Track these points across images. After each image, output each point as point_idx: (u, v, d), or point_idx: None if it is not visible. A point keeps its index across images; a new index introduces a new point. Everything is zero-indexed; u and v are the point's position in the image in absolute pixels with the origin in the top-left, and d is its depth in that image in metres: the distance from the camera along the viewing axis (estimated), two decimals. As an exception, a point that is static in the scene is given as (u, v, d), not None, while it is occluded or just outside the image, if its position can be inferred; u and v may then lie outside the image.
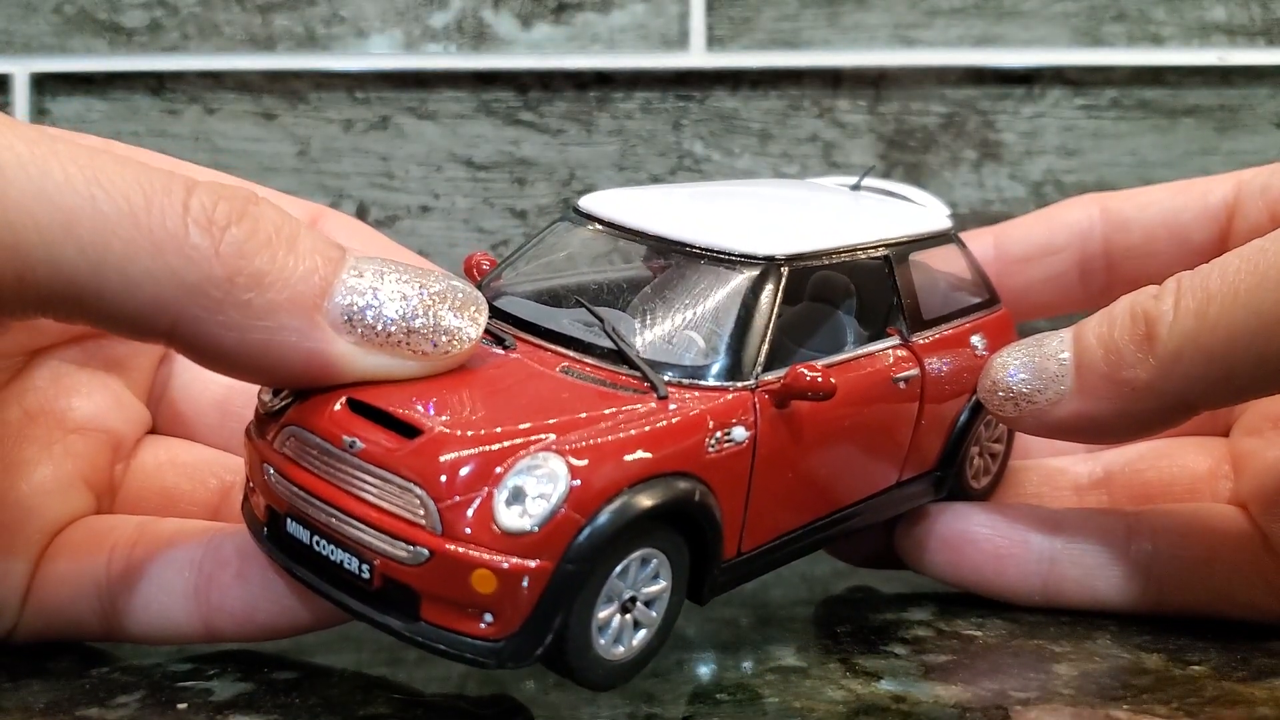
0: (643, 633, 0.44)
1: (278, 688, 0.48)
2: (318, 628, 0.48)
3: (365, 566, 0.42)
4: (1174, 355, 0.47)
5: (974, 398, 0.56)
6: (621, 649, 0.44)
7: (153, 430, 0.57)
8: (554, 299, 0.52)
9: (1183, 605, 0.54)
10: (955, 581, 0.57)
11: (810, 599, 0.61)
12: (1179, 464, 0.60)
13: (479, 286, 0.53)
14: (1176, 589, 0.54)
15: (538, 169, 0.89)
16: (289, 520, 0.44)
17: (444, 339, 0.44)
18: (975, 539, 0.56)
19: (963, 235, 0.62)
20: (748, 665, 0.51)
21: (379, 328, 0.43)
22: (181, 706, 0.46)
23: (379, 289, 0.43)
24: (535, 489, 0.40)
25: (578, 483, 0.40)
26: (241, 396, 0.56)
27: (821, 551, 0.62)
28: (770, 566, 0.50)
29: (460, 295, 0.45)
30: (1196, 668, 0.50)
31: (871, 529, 0.57)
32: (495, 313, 0.50)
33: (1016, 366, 0.53)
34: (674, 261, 0.51)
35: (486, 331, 0.48)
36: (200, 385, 0.57)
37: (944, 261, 0.60)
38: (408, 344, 0.43)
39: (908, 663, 0.51)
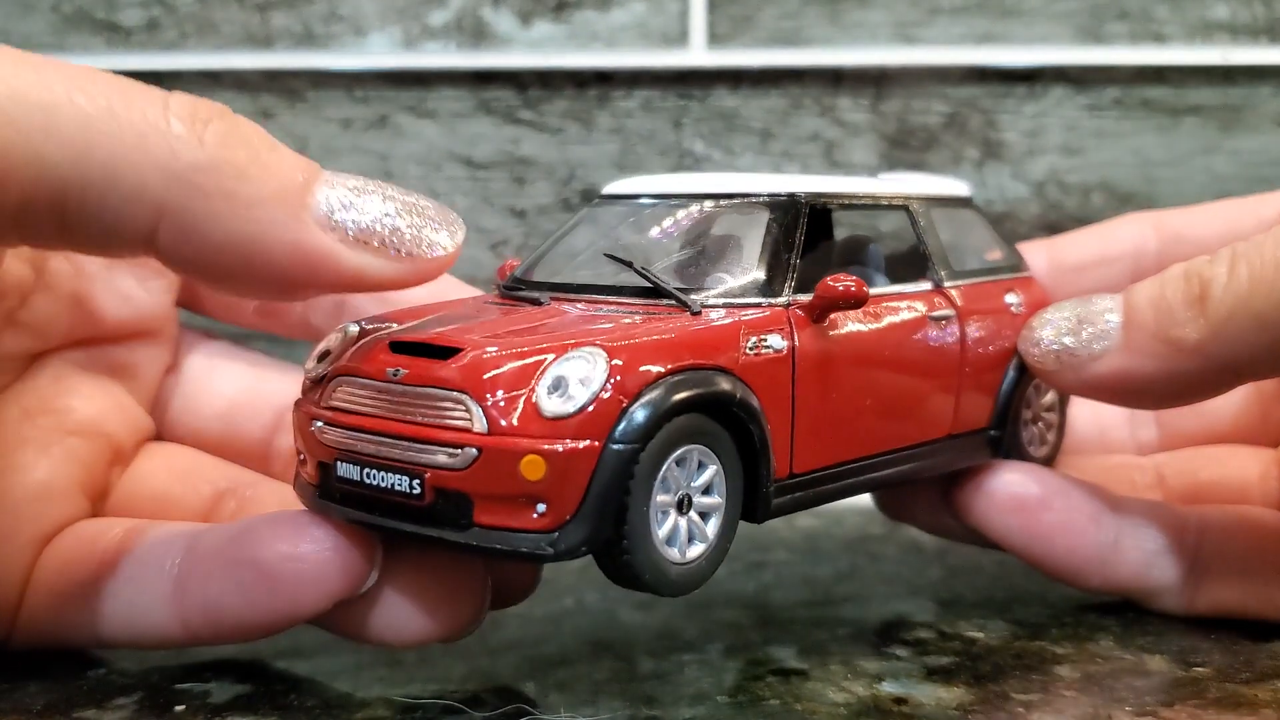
0: (699, 546, 0.45)
1: (276, 690, 0.48)
2: (290, 625, 0.46)
3: (416, 482, 0.42)
4: (1225, 317, 0.47)
5: (1019, 357, 0.57)
6: (677, 552, 0.44)
7: (156, 438, 0.57)
8: (584, 266, 0.53)
9: (1217, 603, 0.54)
10: (1019, 546, 0.55)
11: (811, 600, 0.61)
12: (1230, 468, 0.60)
13: (511, 279, 0.54)
14: (1215, 585, 0.54)
15: (537, 168, 0.89)
16: (338, 464, 0.45)
17: (425, 243, 0.44)
18: (1052, 507, 0.55)
19: (1016, 247, 0.63)
20: (749, 667, 0.50)
21: (363, 225, 0.43)
22: (179, 709, 0.46)
23: (359, 192, 0.44)
24: (576, 375, 0.41)
25: (618, 365, 0.41)
26: (245, 410, 0.56)
27: (822, 551, 0.62)
28: (825, 497, 0.50)
29: (436, 208, 0.45)
30: (1200, 669, 0.50)
31: (926, 489, 0.57)
32: (528, 285, 0.52)
33: (1060, 319, 0.53)
34: (700, 215, 0.52)
35: (520, 298, 0.50)
36: (205, 396, 0.57)
37: (968, 224, 0.61)
38: (390, 243, 0.44)
39: (910, 664, 0.51)
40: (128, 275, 0.54)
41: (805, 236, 0.50)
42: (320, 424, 0.46)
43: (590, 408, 0.41)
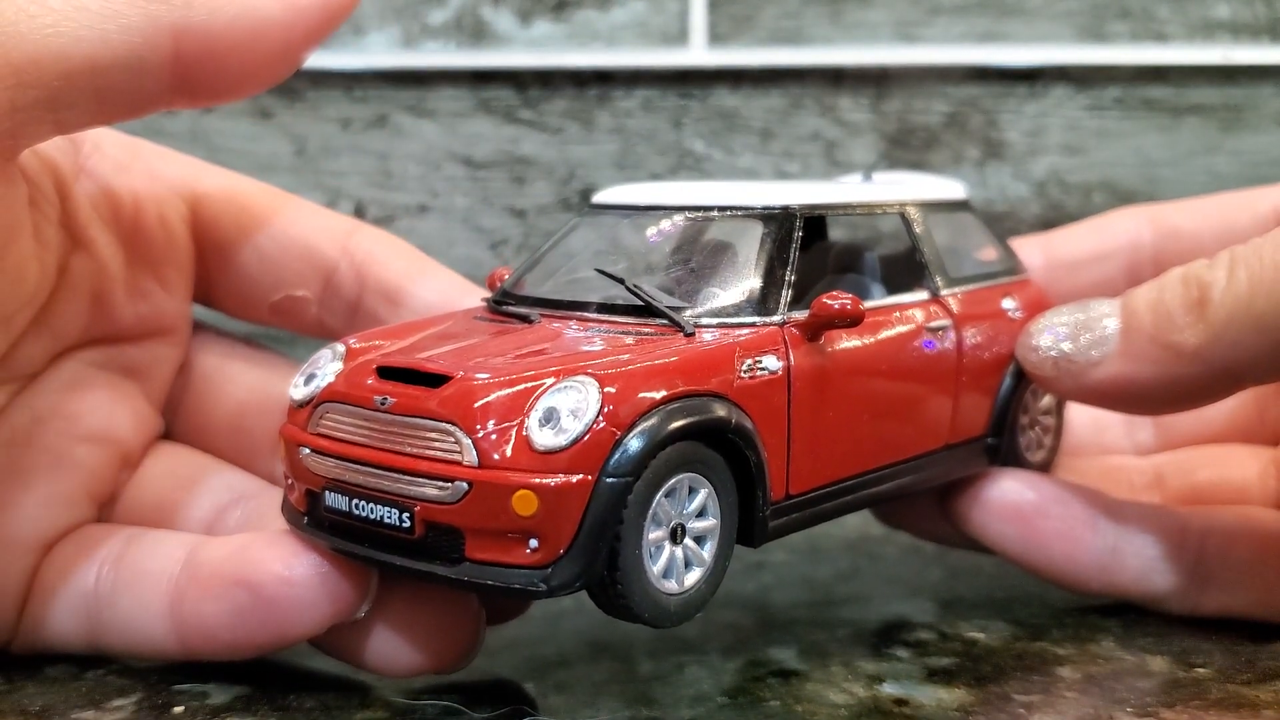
0: (696, 572, 0.44)
1: (274, 690, 0.48)
2: (281, 647, 0.47)
3: (406, 516, 0.42)
4: (1225, 321, 0.47)
5: (1016, 363, 0.56)
6: (674, 584, 0.43)
7: (166, 436, 0.57)
8: (575, 280, 0.53)
9: (1223, 606, 0.54)
10: (1017, 554, 0.55)
11: (811, 601, 0.61)
12: (1229, 468, 0.60)
13: (501, 292, 0.53)
14: (1220, 589, 0.54)
15: (537, 168, 0.89)
16: (326, 494, 0.44)
17: None
18: (1049, 514, 0.55)
19: (1009, 243, 0.63)
20: (749, 668, 0.50)
21: None
22: (178, 710, 0.46)
23: None
24: (568, 407, 0.40)
25: (611, 393, 0.41)
26: (256, 410, 0.56)
27: (822, 552, 0.62)
28: (822, 517, 0.49)
29: None
30: (1201, 670, 0.50)
31: (924, 497, 0.57)
32: (518, 300, 0.51)
33: (1058, 325, 0.53)
34: (692, 227, 0.52)
35: (510, 314, 0.50)
36: (214, 398, 0.57)
37: (964, 228, 0.60)
38: None
39: (910, 665, 0.50)
40: (147, 273, 0.54)
41: (800, 249, 0.49)
42: (307, 451, 0.45)
43: (583, 440, 0.40)
